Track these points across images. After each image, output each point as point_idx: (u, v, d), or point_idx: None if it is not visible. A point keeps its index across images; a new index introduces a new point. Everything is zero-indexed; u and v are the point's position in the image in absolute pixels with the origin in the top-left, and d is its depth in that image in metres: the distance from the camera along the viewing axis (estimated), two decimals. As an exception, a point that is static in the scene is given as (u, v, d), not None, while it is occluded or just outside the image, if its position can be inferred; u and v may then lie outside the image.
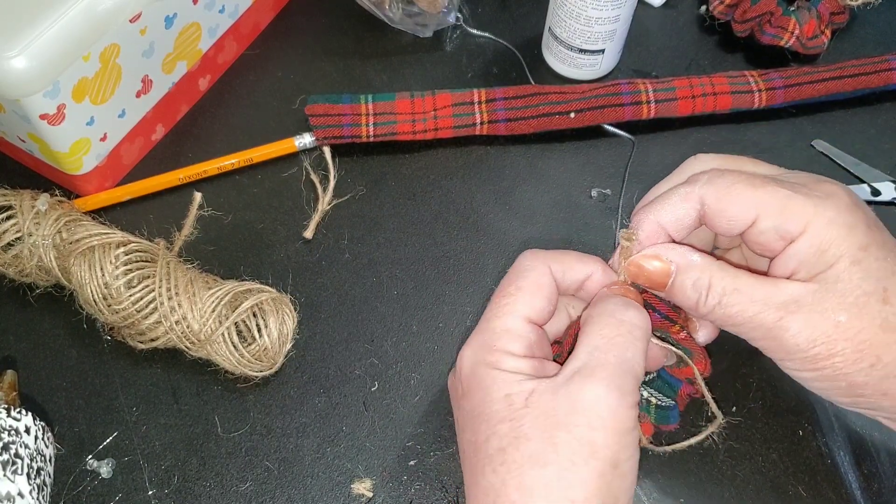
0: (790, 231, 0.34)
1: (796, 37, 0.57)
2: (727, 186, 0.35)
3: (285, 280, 0.48)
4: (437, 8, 0.58)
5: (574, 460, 0.31)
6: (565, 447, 0.31)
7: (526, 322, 0.35)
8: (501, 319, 0.35)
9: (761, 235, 0.35)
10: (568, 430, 0.31)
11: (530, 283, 0.36)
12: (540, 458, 0.31)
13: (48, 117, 0.44)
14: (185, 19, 0.51)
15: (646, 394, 0.38)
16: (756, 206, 0.35)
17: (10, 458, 0.37)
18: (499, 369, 0.34)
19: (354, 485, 0.42)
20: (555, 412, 0.32)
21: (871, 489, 0.42)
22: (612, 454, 0.31)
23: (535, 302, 0.35)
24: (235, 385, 0.45)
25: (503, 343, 0.34)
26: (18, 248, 0.45)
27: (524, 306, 0.35)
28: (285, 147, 0.53)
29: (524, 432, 0.32)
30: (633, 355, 0.33)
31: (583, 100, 0.54)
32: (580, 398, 0.32)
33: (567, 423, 0.31)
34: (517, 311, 0.35)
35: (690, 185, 0.36)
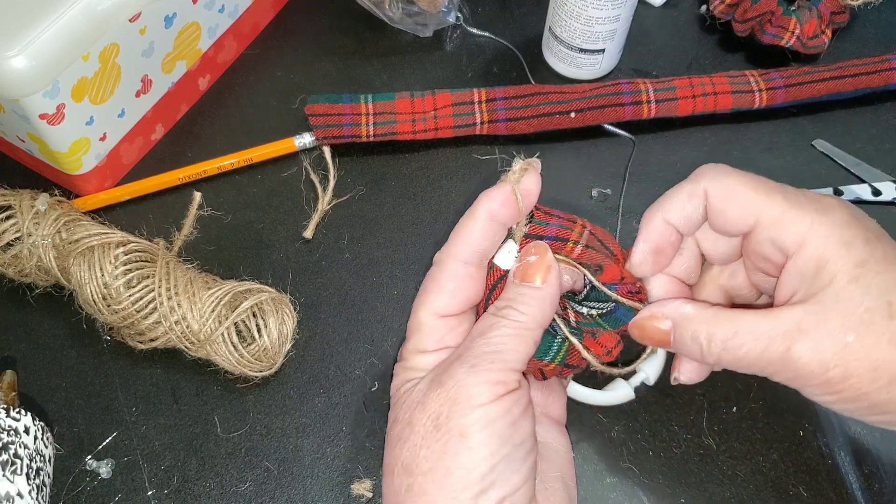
0: (786, 244, 0.34)
1: (797, 36, 0.57)
2: (731, 187, 0.35)
3: (285, 280, 0.48)
4: (437, 7, 0.58)
5: (424, 436, 0.33)
6: (418, 424, 0.33)
7: (435, 317, 0.36)
8: (412, 317, 0.37)
9: (759, 245, 0.35)
10: (422, 409, 0.33)
11: (436, 281, 0.37)
12: (401, 437, 0.33)
13: (48, 117, 0.44)
14: (185, 19, 0.51)
15: (584, 310, 0.37)
16: (755, 213, 0.35)
17: (10, 459, 0.37)
18: (404, 366, 0.36)
19: (354, 485, 0.42)
20: (417, 393, 0.34)
21: (872, 489, 0.42)
22: (456, 426, 0.32)
23: (440, 299, 0.36)
24: (235, 385, 0.45)
25: (413, 340, 0.37)
26: (18, 248, 0.45)
27: (432, 303, 0.36)
28: (285, 147, 0.53)
29: (393, 416, 0.35)
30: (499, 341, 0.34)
31: (583, 99, 0.53)
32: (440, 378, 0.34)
33: (423, 400, 0.33)
34: (427, 308, 0.37)
35: (696, 181, 0.36)
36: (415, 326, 0.37)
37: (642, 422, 0.44)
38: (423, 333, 0.36)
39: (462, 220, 0.37)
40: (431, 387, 0.34)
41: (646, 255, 0.37)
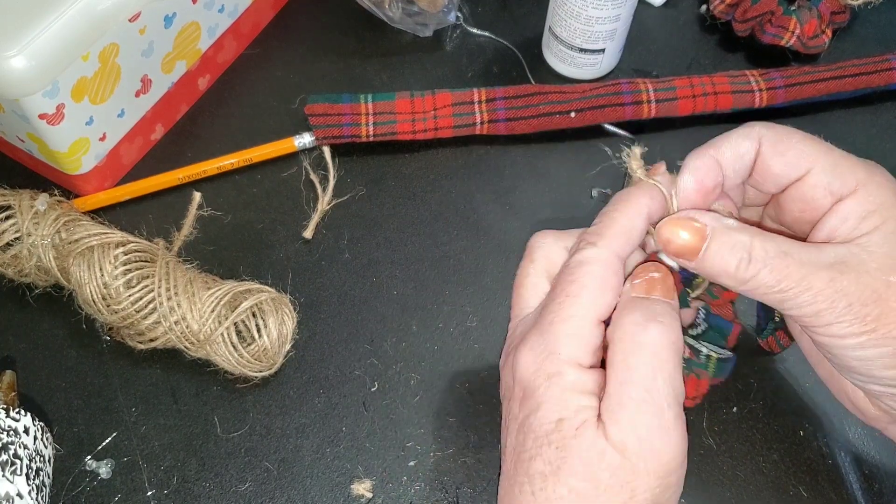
0: (841, 188, 0.34)
1: (797, 36, 0.57)
2: (786, 133, 0.35)
3: (285, 280, 0.48)
4: (437, 7, 0.58)
5: (612, 502, 0.30)
6: (606, 489, 0.30)
7: (595, 325, 0.32)
8: (568, 323, 0.32)
9: (812, 190, 0.34)
10: (611, 472, 0.30)
11: (598, 278, 0.32)
12: (581, 495, 0.30)
13: (47, 117, 0.44)
14: (185, 19, 0.51)
15: (705, 350, 0.35)
16: (811, 158, 0.34)
17: (9, 459, 0.37)
18: (559, 386, 0.31)
19: (354, 485, 0.42)
20: (600, 450, 0.30)
21: (872, 489, 0.42)
22: (653, 497, 0.30)
23: (604, 300, 0.32)
24: (235, 385, 0.45)
25: (567, 350, 0.32)
26: (17, 248, 0.45)
27: (593, 307, 0.32)
28: (285, 147, 0.53)
29: (570, 465, 0.30)
30: (664, 381, 0.31)
31: (583, 99, 0.53)
32: (619, 439, 0.30)
33: (611, 464, 0.30)
34: (586, 313, 0.32)
35: (749, 126, 0.35)
36: (572, 333, 0.32)
37: (642, 422, 0.44)
38: (581, 343, 0.32)
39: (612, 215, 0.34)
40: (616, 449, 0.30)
41: (689, 190, 0.35)
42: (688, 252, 0.33)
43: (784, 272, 0.32)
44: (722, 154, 0.35)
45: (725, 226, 0.33)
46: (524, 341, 0.33)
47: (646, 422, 0.30)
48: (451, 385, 0.45)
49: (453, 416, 0.44)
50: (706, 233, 0.33)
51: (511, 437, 0.33)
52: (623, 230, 0.34)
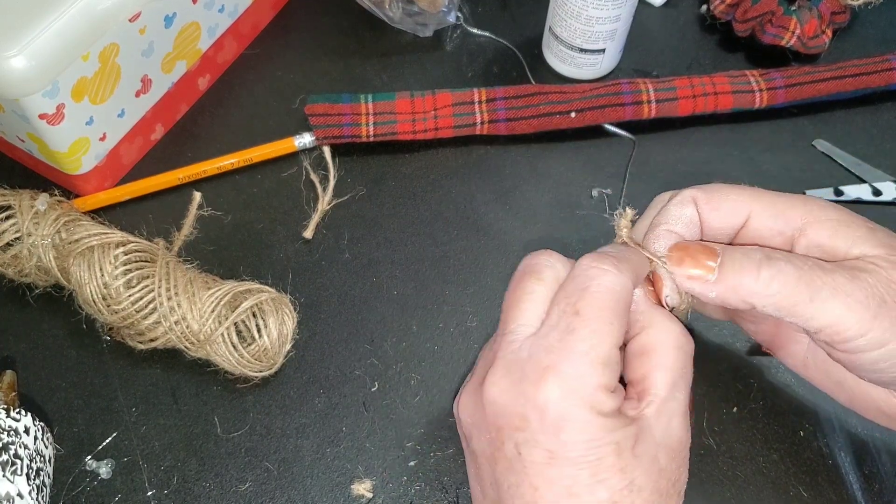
0: (786, 226, 0.35)
1: (797, 36, 0.57)
2: (716, 189, 0.36)
3: (285, 280, 0.48)
4: (438, 7, 0.58)
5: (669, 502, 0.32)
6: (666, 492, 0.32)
7: (616, 349, 0.32)
8: (601, 349, 0.31)
9: (759, 235, 0.35)
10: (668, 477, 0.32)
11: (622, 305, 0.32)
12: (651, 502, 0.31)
13: (47, 117, 0.44)
14: (185, 19, 0.51)
15: None
16: (745, 206, 0.35)
17: (10, 459, 0.37)
18: (601, 412, 0.31)
19: (354, 485, 0.42)
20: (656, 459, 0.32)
21: (872, 490, 0.42)
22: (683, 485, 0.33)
23: (624, 326, 0.33)
24: (235, 385, 0.45)
25: (603, 378, 0.31)
26: (17, 248, 0.44)
27: (618, 332, 0.32)
28: (285, 147, 0.53)
29: (636, 483, 0.31)
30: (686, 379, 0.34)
31: (583, 99, 0.53)
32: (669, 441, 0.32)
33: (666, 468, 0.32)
34: (613, 339, 0.32)
35: (679, 194, 0.37)
36: (604, 359, 0.31)
37: (642, 422, 0.44)
38: (610, 369, 0.31)
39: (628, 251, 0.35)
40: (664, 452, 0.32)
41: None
42: (704, 269, 0.33)
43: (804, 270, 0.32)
44: (672, 226, 0.36)
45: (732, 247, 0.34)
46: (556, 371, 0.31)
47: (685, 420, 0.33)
48: (452, 385, 0.45)
49: (453, 417, 0.44)
50: (717, 250, 0.34)
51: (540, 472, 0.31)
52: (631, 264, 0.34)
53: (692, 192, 0.36)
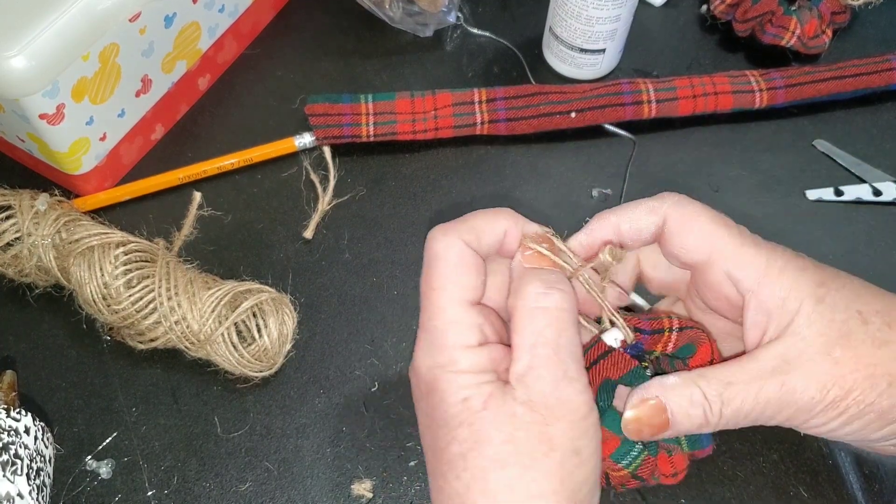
0: (745, 279, 0.34)
1: (797, 36, 0.57)
2: (693, 214, 0.35)
3: (285, 280, 0.48)
4: (438, 7, 0.58)
5: (534, 456, 0.31)
6: (524, 445, 0.31)
7: (468, 307, 0.33)
8: (443, 313, 0.33)
9: (714, 280, 0.35)
10: (526, 429, 0.31)
11: (454, 265, 0.34)
12: (501, 459, 0.31)
13: (47, 117, 0.44)
14: (185, 19, 0.51)
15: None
16: (712, 244, 0.35)
17: (10, 459, 0.37)
18: (455, 371, 0.33)
19: (354, 485, 0.42)
20: (512, 413, 0.31)
21: (872, 490, 0.42)
22: (570, 443, 0.31)
23: (467, 282, 0.34)
24: (235, 385, 0.45)
25: (454, 338, 0.33)
26: (18, 248, 0.45)
27: (458, 291, 0.33)
28: (285, 147, 0.53)
29: (484, 435, 0.31)
30: (568, 339, 0.33)
31: (584, 99, 0.53)
32: (532, 397, 0.32)
33: (524, 422, 0.31)
34: (454, 299, 0.33)
35: (659, 200, 0.36)
36: (448, 322, 0.33)
37: (642, 422, 0.44)
38: (462, 326, 0.33)
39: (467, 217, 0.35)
40: (527, 407, 0.31)
41: (582, 245, 0.37)
42: (662, 427, 0.34)
43: (737, 401, 0.33)
44: (622, 223, 0.36)
45: (668, 385, 0.34)
46: (416, 345, 0.35)
47: (553, 376, 0.32)
48: (452, 385, 0.45)
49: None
50: (663, 403, 0.33)
51: (426, 437, 0.34)
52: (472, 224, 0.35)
53: (670, 208, 0.36)
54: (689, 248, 0.35)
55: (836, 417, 0.33)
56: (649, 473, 0.35)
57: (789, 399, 0.33)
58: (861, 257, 0.50)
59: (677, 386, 0.34)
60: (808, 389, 0.33)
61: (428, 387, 0.33)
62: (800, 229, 0.51)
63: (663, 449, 0.35)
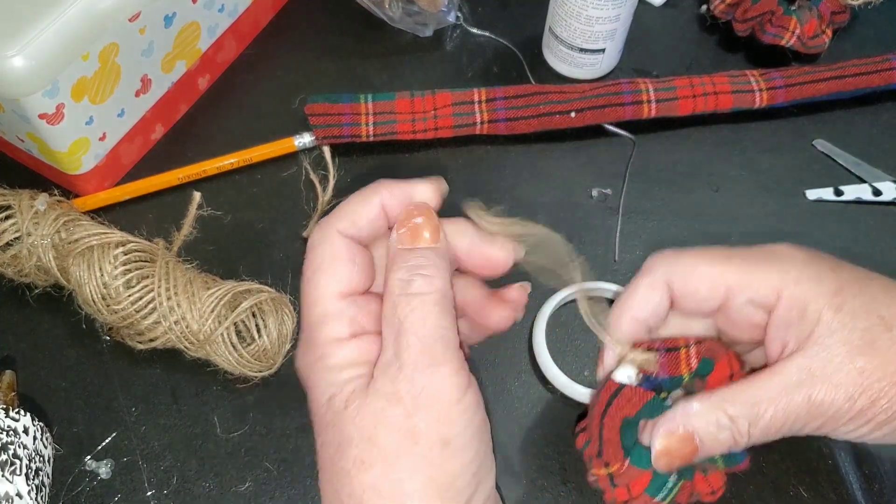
0: (765, 299, 0.34)
1: (797, 36, 0.57)
2: (692, 267, 0.35)
3: (285, 280, 0.48)
4: (437, 7, 0.58)
5: (397, 453, 0.30)
6: (386, 441, 0.30)
7: (338, 298, 0.32)
8: (314, 307, 0.32)
9: (739, 312, 0.35)
10: (387, 424, 0.30)
11: (323, 257, 0.33)
12: (363, 460, 0.30)
13: (47, 117, 0.44)
14: (185, 18, 0.51)
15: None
16: (724, 283, 0.35)
17: (9, 459, 0.37)
18: (324, 368, 0.31)
19: (354, 485, 0.42)
20: (373, 409, 0.30)
21: (872, 490, 0.42)
22: (437, 433, 0.30)
23: (338, 273, 0.32)
24: (235, 385, 0.45)
25: (322, 333, 0.32)
26: (17, 248, 0.44)
27: (329, 283, 0.32)
28: (285, 147, 0.53)
29: (346, 436, 0.30)
30: (434, 324, 0.31)
31: (583, 99, 0.53)
32: (397, 388, 0.30)
33: (385, 417, 0.30)
34: (325, 292, 0.32)
35: (651, 273, 0.36)
36: (320, 315, 0.32)
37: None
38: (332, 318, 0.32)
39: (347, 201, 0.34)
40: (389, 400, 0.30)
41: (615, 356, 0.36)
42: (691, 455, 0.33)
43: (766, 418, 0.33)
44: (638, 314, 0.36)
45: (693, 412, 0.33)
46: (300, 339, 0.33)
47: (416, 363, 0.30)
48: (451, 385, 0.45)
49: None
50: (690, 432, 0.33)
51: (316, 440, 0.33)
52: (346, 210, 0.34)
53: (665, 273, 0.35)
54: (704, 297, 0.35)
55: (864, 425, 0.33)
56: (686, 497, 0.34)
57: (816, 411, 0.33)
58: (861, 257, 0.50)
59: (702, 412, 0.33)
60: (836, 400, 0.32)
61: (305, 385, 0.33)
62: (800, 229, 0.51)
63: (699, 470, 0.35)
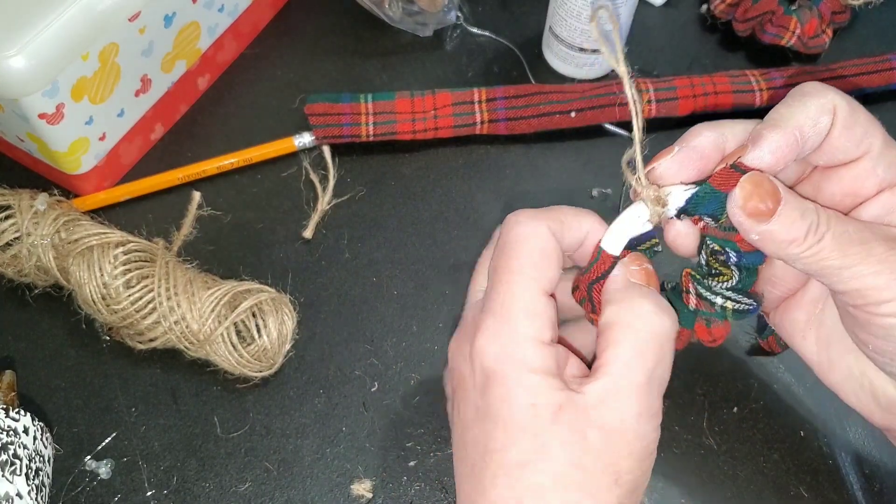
0: (890, 177, 0.32)
1: (797, 36, 0.57)
2: (856, 108, 0.32)
3: (285, 280, 0.48)
4: (437, 6, 0.58)
5: (598, 487, 0.29)
6: (591, 472, 0.29)
7: (544, 297, 0.31)
8: (518, 300, 0.30)
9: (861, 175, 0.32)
10: (595, 456, 0.29)
11: (536, 251, 0.31)
12: (563, 481, 0.29)
13: (47, 117, 0.44)
14: (185, 18, 0.50)
15: (720, 301, 0.34)
16: (871, 139, 0.32)
17: (9, 459, 0.37)
18: (525, 368, 0.30)
19: (354, 486, 0.42)
20: (583, 434, 0.30)
21: (872, 490, 0.42)
22: (633, 480, 0.30)
23: (547, 271, 0.31)
24: (234, 385, 0.45)
25: (527, 329, 0.30)
26: (17, 248, 0.44)
27: (538, 279, 0.31)
28: (285, 146, 0.53)
29: (550, 452, 0.29)
30: (663, 371, 0.31)
31: (583, 99, 0.53)
32: (610, 421, 0.30)
33: (594, 447, 0.29)
34: (533, 287, 0.31)
35: (822, 95, 0.32)
36: (524, 309, 0.30)
37: (643, 422, 0.44)
38: (538, 318, 0.30)
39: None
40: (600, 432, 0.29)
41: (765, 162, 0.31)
42: (763, 214, 0.31)
43: (845, 238, 0.31)
44: (805, 127, 0.31)
45: (792, 192, 0.31)
46: (480, 328, 0.31)
47: (638, 407, 0.30)
48: (452, 385, 0.45)
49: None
50: (781, 196, 0.31)
51: (473, 432, 0.32)
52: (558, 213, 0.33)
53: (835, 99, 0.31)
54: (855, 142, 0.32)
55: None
56: (682, 345, 0.34)
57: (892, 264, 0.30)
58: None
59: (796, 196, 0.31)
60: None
61: (489, 378, 0.31)
62: (800, 229, 0.51)
63: (702, 319, 0.34)
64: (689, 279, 0.35)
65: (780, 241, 0.31)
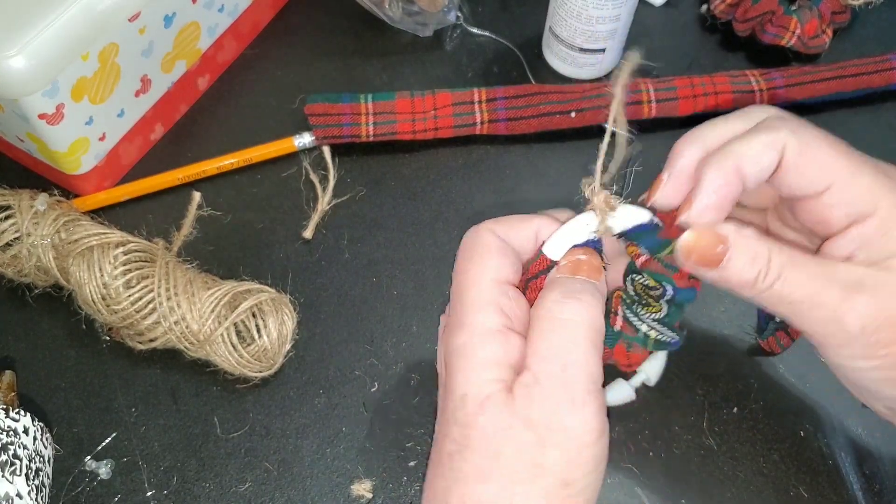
0: (859, 210, 0.32)
1: (798, 36, 0.57)
2: (813, 141, 0.32)
3: (285, 280, 0.48)
4: (438, 7, 0.58)
5: (520, 478, 0.30)
6: (511, 464, 0.30)
7: (494, 285, 0.32)
8: (468, 291, 0.32)
9: (828, 209, 0.32)
10: (516, 447, 0.30)
11: (478, 248, 0.33)
12: (484, 472, 0.30)
13: (47, 117, 0.44)
14: (185, 18, 0.50)
15: (644, 328, 0.34)
16: (832, 174, 0.32)
17: (9, 459, 0.37)
18: (469, 359, 0.31)
19: (354, 486, 0.42)
20: (504, 426, 0.30)
21: (872, 490, 0.42)
22: (562, 473, 0.30)
23: (492, 262, 0.33)
24: (234, 386, 0.45)
25: (474, 317, 0.32)
26: (17, 249, 0.44)
27: (485, 270, 0.32)
28: (285, 147, 0.53)
29: (472, 442, 0.30)
30: (580, 356, 0.31)
31: (584, 99, 0.53)
32: (532, 415, 0.30)
33: (515, 438, 0.30)
34: (477, 277, 0.32)
35: (774, 131, 0.32)
36: (474, 299, 0.32)
37: (643, 422, 0.44)
38: (487, 305, 0.32)
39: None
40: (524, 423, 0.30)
41: (708, 209, 0.32)
42: (710, 262, 0.32)
43: (794, 283, 0.31)
44: (746, 167, 0.32)
45: (744, 234, 0.32)
46: (447, 322, 0.33)
47: (557, 397, 0.30)
48: (452, 385, 0.45)
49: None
50: (728, 244, 0.32)
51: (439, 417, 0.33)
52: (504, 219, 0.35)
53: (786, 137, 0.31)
54: (809, 179, 0.32)
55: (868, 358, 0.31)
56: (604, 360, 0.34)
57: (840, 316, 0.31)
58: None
59: (752, 238, 0.31)
60: (863, 318, 0.30)
61: (445, 369, 0.32)
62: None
63: (623, 342, 0.34)
64: (619, 301, 0.35)
65: (732, 284, 0.32)
